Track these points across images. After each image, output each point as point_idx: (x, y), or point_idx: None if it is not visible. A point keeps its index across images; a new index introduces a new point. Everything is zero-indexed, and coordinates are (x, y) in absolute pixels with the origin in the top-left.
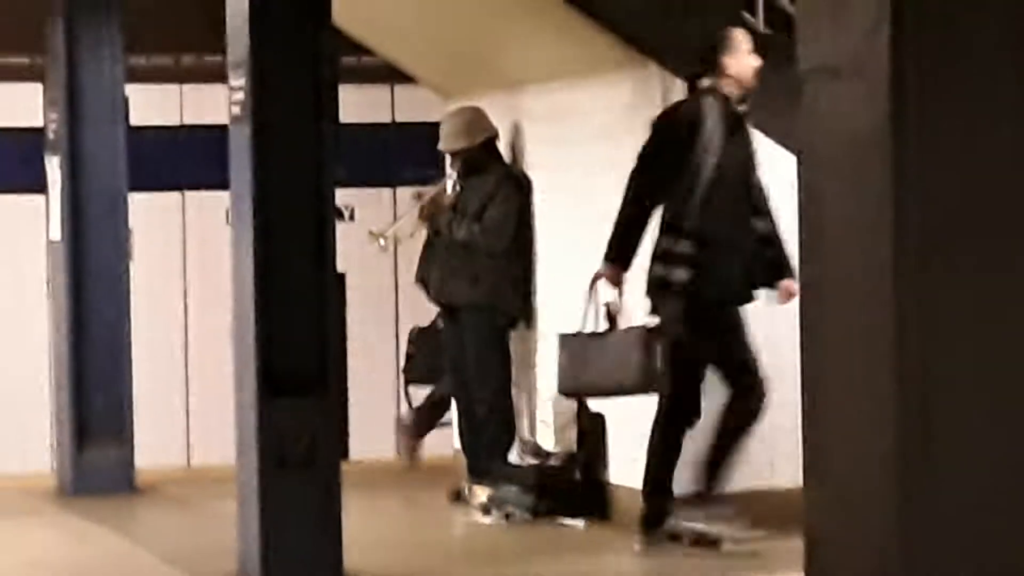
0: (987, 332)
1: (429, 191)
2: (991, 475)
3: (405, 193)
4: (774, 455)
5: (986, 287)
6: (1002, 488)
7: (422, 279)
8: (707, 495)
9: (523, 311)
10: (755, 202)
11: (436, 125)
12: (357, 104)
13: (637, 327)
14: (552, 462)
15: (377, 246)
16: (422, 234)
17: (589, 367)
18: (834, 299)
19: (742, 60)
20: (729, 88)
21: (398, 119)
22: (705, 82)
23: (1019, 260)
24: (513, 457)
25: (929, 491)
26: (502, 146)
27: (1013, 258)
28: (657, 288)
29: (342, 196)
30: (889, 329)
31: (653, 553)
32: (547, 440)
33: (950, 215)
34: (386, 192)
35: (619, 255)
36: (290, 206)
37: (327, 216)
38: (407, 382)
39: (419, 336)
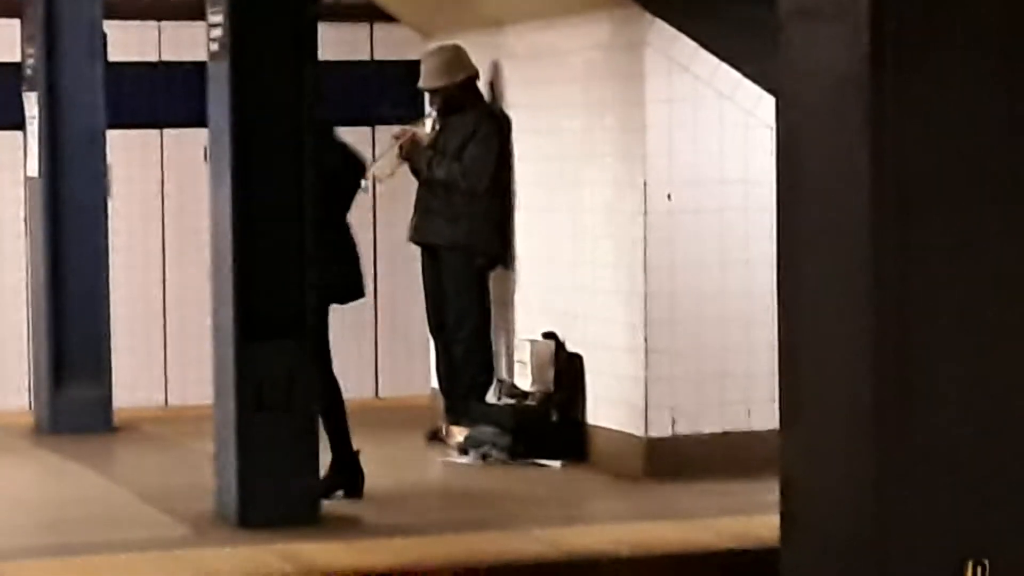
0: (965, 274)
1: (408, 130)
2: (965, 420)
3: (384, 131)
4: (751, 398)
5: (963, 228)
6: (976, 434)
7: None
8: None
9: (502, 251)
10: None
11: (416, 64)
12: (336, 42)
13: None
14: (529, 403)
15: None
16: (402, 173)
17: None
18: (812, 241)
19: None
20: None
21: (377, 57)
22: None
23: (996, 201)
24: (490, 397)
25: (904, 435)
26: (482, 85)
27: (990, 199)
28: None
29: None
30: (867, 271)
31: (632, 493)
32: (524, 380)
33: (927, 156)
34: (365, 130)
35: None
36: (269, 144)
37: (306, 154)
38: None
39: None
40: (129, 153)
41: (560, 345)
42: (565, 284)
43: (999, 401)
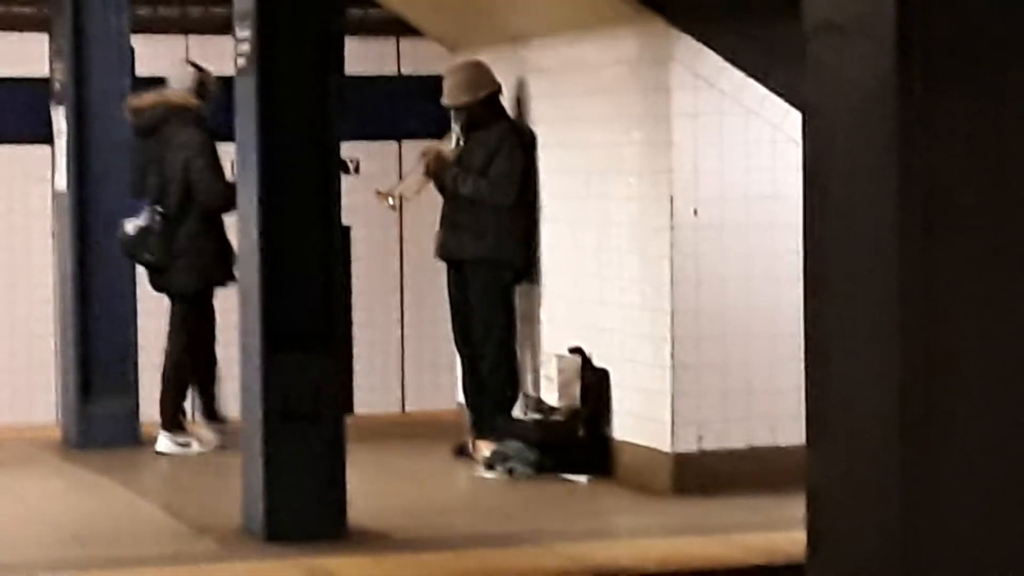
0: (992, 292)
1: (433, 148)
2: (993, 434)
3: (410, 146)
4: (777, 414)
5: (991, 245)
6: (1003, 450)
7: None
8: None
9: (528, 266)
10: None
11: (442, 78)
12: (363, 56)
13: None
14: (556, 417)
15: (385, 205)
16: (428, 189)
17: None
18: (838, 257)
19: None
20: None
21: (404, 72)
22: None
23: None
24: (517, 412)
25: (931, 451)
26: (507, 100)
27: (1018, 216)
28: None
29: (347, 149)
30: (894, 287)
31: (658, 508)
32: (551, 395)
33: (955, 173)
34: (391, 145)
35: None
36: (295, 159)
37: (332, 169)
38: None
39: None
40: None
41: (587, 360)
42: (591, 299)
43: None
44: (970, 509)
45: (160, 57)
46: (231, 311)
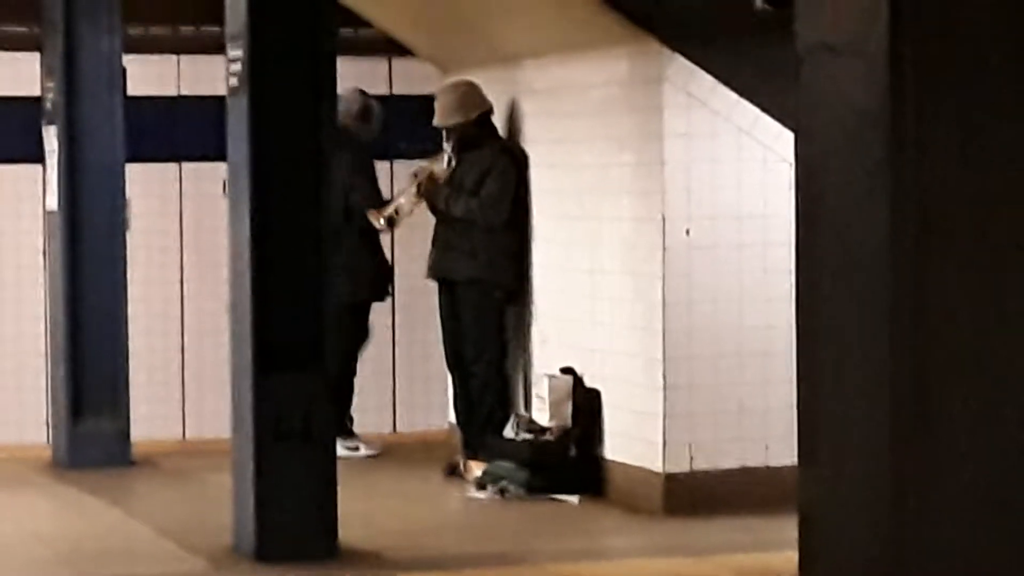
0: (984, 309)
1: (426, 168)
2: (986, 453)
3: (402, 166)
4: (768, 434)
5: (983, 264)
6: (997, 467)
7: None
8: None
9: (519, 286)
10: None
11: (434, 98)
12: (355, 76)
13: None
14: (547, 437)
15: (377, 225)
16: (420, 210)
17: None
18: (830, 277)
19: None
20: None
21: (396, 92)
22: None
23: (1016, 238)
24: (508, 432)
25: (923, 470)
26: (499, 120)
27: (1010, 236)
28: None
29: None
30: (885, 307)
31: (649, 528)
32: (542, 415)
33: (947, 193)
34: (383, 165)
35: None
36: (287, 178)
37: (324, 188)
38: None
39: None
40: (148, 187)
41: (578, 380)
42: (583, 319)
43: (1019, 435)
44: (962, 528)
45: (152, 77)
46: (222, 334)
